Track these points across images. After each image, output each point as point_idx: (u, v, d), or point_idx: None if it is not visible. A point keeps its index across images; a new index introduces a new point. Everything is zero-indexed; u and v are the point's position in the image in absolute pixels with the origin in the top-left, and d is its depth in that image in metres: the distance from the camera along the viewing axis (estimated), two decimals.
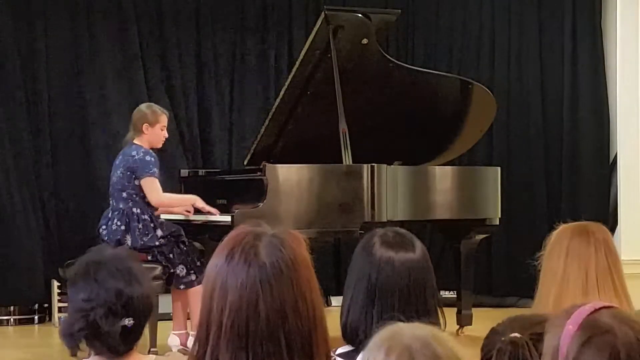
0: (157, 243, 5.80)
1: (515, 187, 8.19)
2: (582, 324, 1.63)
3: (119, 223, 5.82)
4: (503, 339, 1.94)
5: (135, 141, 5.92)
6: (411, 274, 2.32)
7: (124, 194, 5.85)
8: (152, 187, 5.81)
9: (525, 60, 8.41)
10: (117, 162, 5.97)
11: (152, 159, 5.83)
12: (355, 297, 2.33)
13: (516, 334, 1.95)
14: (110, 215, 5.89)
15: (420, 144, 6.73)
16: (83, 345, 2.35)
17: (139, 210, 5.82)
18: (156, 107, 6.08)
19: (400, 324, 1.55)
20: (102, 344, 2.33)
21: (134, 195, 5.83)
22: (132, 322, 2.32)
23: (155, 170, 5.83)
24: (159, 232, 5.83)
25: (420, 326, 1.55)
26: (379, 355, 1.49)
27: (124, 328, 2.31)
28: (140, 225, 5.80)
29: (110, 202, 5.96)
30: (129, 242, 5.75)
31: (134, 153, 5.84)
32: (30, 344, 6.79)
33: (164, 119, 5.99)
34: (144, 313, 2.36)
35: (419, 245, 2.38)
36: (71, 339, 2.33)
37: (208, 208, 5.96)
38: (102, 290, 2.31)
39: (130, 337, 2.35)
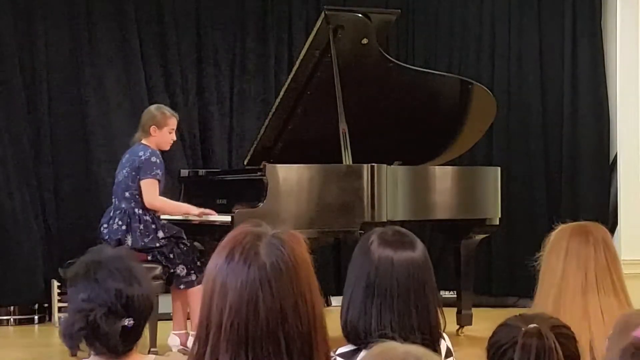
0: (157, 244, 5.79)
1: (515, 187, 8.18)
2: None
3: (120, 222, 5.81)
4: (524, 329, 1.90)
5: (142, 141, 5.92)
6: (410, 272, 2.32)
7: (127, 194, 5.84)
8: (149, 189, 5.80)
9: (525, 60, 8.39)
10: (123, 160, 5.96)
11: (158, 160, 5.84)
12: (354, 295, 2.33)
13: (536, 325, 1.91)
14: (112, 213, 5.89)
15: (420, 144, 6.73)
16: (83, 345, 2.35)
17: (141, 211, 5.82)
18: (166, 109, 6.06)
19: (393, 343, 1.55)
20: (102, 344, 2.32)
21: (137, 196, 5.83)
22: (132, 322, 2.31)
23: (158, 172, 5.82)
24: (160, 234, 5.82)
25: (412, 347, 1.54)
26: None
27: (124, 328, 2.30)
28: (141, 226, 5.79)
29: (114, 200, 5.96)
30: (129, 242, 5.75)
31: (140, 153, 5.84)
32: (30, 344, 6.79)
33: (172, 122, 5.97)
34: (144, 313, 2.36)
35: (419, 244, 2.38)
36: (71, 339, 2.33)
37: (206, 212, 5.95)
38: (102, 290, 2.30)
39: (130, 337, 2.34)
